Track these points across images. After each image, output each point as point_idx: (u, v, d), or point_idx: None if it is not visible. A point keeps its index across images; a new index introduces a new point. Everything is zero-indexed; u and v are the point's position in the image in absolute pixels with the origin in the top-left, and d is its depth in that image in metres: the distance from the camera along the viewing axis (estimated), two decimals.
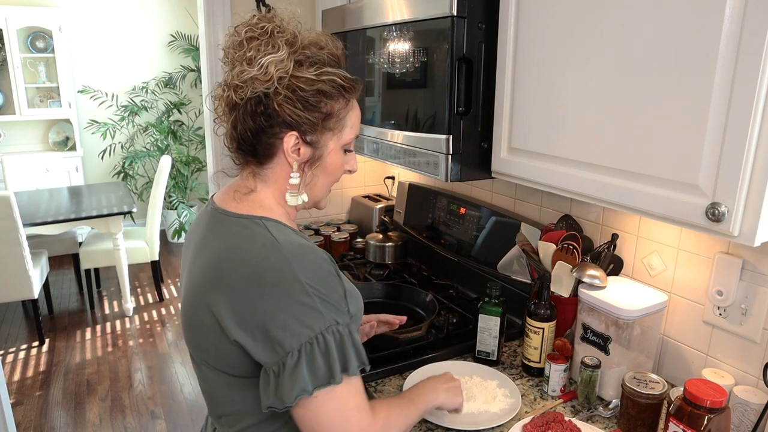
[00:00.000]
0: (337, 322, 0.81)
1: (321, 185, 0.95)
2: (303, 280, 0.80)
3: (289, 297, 0.79)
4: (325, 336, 0.79)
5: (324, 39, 0.90)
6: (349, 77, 0.91)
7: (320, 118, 0.87)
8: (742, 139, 0.80)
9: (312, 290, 0.80)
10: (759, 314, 1.11)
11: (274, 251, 0.82)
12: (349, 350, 0.81)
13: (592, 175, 1.05)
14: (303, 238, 0.89)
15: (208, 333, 0.85)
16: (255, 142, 0.88)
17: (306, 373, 0.78)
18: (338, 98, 0.89)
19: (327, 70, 0.87)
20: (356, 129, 0.95)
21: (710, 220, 0.85)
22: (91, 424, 2.72)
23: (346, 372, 0.80)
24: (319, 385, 0.79)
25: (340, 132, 0.91)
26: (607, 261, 1.33)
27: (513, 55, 1.19)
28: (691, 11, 0.84)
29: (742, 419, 1.08)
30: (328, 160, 0.92)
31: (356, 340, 0.84)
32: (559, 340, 1.33)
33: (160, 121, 5.20)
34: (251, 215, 0.88)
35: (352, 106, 0.93)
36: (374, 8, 1.46)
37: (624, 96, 0.96)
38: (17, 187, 4.30)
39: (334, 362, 0.79)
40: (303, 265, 0.81)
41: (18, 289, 3.28)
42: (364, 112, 1.62)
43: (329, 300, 0.81)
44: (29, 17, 4.60)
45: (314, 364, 0.79)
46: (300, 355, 0.78)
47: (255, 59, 0.84)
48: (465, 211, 1.82)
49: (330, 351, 0.79)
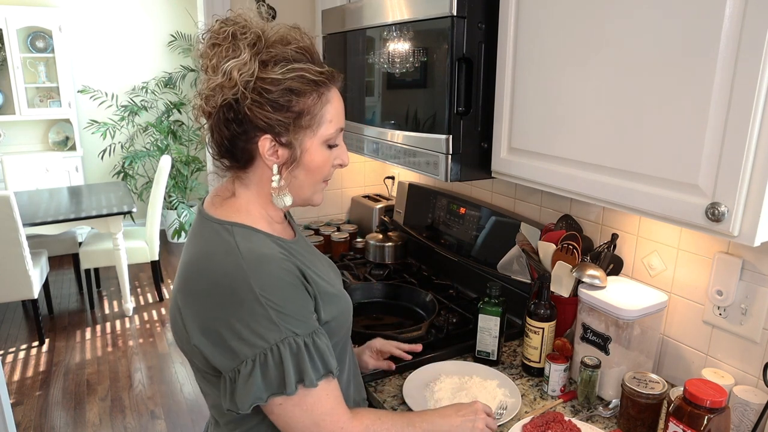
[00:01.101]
0: (295, 333, 0.82)
1: (306, 184, 0.92)
2: (258, 291, 0.80)
3: (243, 307, 0.79)
4: (280, 348, 0.80)
5: (291, 33, 0.86)
6: (320, 69, 0.86)
7: (292, 117, 0.85)
8: (742, 139, 0.80)
9: (266, 301, 0.80)
10: (759, 314, 1.11)
11: (234, 260, 0.82)
12: (306, 361, 0.82)
13: (592, 175, 1.05)
14: (278, 244, 0.89)
15: (182, 334, 0.88)
16: (232, 148, 0.88)
17: (260, 382, 0.80)
18: (310, 94, 0.85)
19: (294, 67, 0.84)
20: (337, 122, 0.90)
21: (710, 220, 0.85)
22: (91, 424, 2.72)
23: (302, 383, 0.81)
24: (272, 394, 0.80)
25: (317, 128, 0.87)
26: (607, 261, 1.33)
27: (513, 55, 1.19)
28: (691, 11, 0.84)
29: (742, 419, 1.08)
30: (308, 158, 0.88)
31: (320, 348, 0.84)
32: (559, 340, 1.33)
33: (160, 121, 5.20)
34: (224, 221, 0.88)
35: (328, 100, 0.88)
36: (374, 8, 1.46)
37: (624, 96, 0.96)
38: (17, 187, 4.30)
39: (288, 374, 0.80)
40: (259, 276, 0.81)
41: (18, 289, 3.28)
42: (348, 105, 1.62)
43: (285, 311, 0.81)
44: (29, 17, 4.60)
45: (268, 374, 0.80)
46: (254, 365, 0.79)
47: (219, 66, 0.83)
48: (465, 211, 1.82)
49: (284, 362, 0.80)
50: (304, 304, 0.85)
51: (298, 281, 0.85)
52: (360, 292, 1.67)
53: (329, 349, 0.86)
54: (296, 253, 0.93)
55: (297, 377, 0.81)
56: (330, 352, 0.87)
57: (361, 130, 1.63)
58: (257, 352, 0.80)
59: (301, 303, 0.84)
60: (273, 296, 0.81)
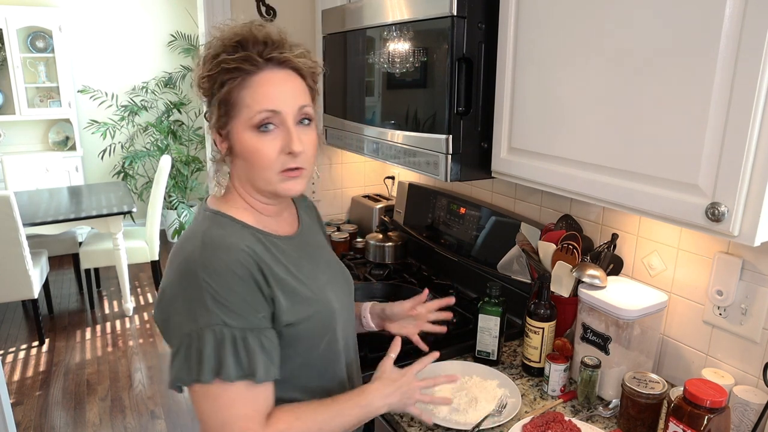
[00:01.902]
0: (225, 323, 0.82)
1: (251, 174, 0.91)
2: (201, 275, 0.82)
3: (187, 290, 0.83)
4: (205, 333, 0.81)
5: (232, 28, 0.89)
6: (234, 57, 0.86)
7: (223, 108, 0.88)
8: (742, 139, 0.80)
9: (206, 286, 0.82)
10: (759, 314, 1.11)
11: (194, 245, 0.86)
12: (228, 355, 0.81)
13: (592, 175, 1.05)
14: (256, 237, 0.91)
15: None
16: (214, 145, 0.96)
17: (182, 362, 0.82)
18: (227, 82, 0.87)
19: (217, 60, 0.87)
20: (257, 105, 0.87)
21: (710, 220, 0.85)
22: (91, 424, 2.72)
23: (218, 375, 0.81)
24: (192, 380, 0.82)
25: (239, 114, 0.88)
26: (607, 261, 1.33)
27: (513, 55, 1.19)
28: (691, 11, 0.84)
29: (742, 419, 1.08)
30: (239, 146, 0.89)
31: (250, 348, 0.83)
32: (559, 340, 1.33)
33: (160, 121, 5.20)
34: (210, 208, 0.94)
35: (246, 85, 0.87)
36: (374, 8, 1.46)
37: (624, 96, 0.96)
38: (17, 187, 4.30)
39: (206, 361, 0.81)
40: (209, 261, 0.84)
41: (18, 289, 3.28)
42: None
43: (222, 300, 0.82)
44: (29, 17, 4.60)
45: (189, 357, 0.82)
46: (180, 345, 0.83)
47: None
48: (465, 211, 1.82)
49: (204, 349, 0.81)
50: (247, 299, 0.85)
51: (248, 276, 0.86)
52: (360, 292, 1.67)
53: (267, 355, 0.85)
54: (277, 250, 0.93)
55: (215, 368, 0.81)
56: (269, 358, 0.85)
57: (361, 130, 1.63)
58: (185, 332, 0.82)
59: (243, 297, 0.85)
60: (214, 282, 0.82)
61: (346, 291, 1.08)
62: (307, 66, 0.93)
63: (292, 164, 0.90)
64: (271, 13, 2.10)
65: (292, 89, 0.90)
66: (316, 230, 1.12)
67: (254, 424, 0.84)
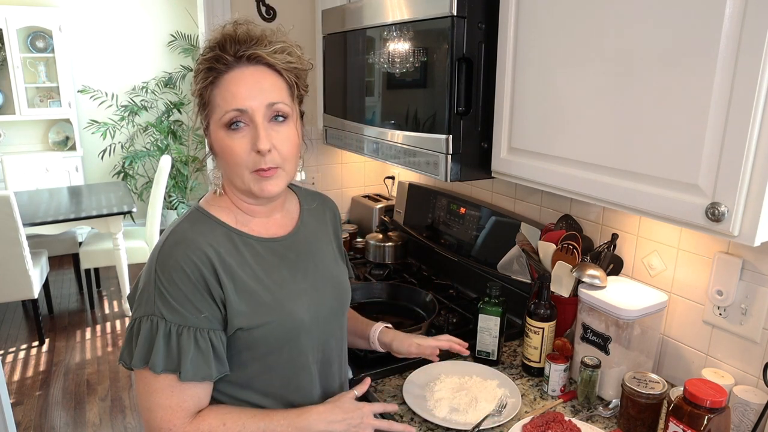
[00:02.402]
0: (162, 315, 0.86)
1: (228, 171, 0.93)
2: (156, 266, 0.88)
3: (144, 275, 0.90)
4: (142, 321, 0.87)
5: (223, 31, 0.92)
6: (207, 56, 0.89)
7: (201, 106, 0.93)
8: (742, 139, 0.80)
9: (156, 278, 0.87)
10: (759, 314, 1.11)
11: (164, 237, 0.92)
12: (159, 346, 0.85)
13: (592, 175, 1.05)
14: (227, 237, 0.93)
15: None
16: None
17: (125, 344, 0.89)
18: (202, 80, 0.90)
19: (200, 60, 0.91)
20: (225, 104, 0.87)
21: (710, 220, 0.85)
22: (91, 424, 2.72)
23: (146, 364, 0.86)
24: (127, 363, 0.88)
25: (212, 112, 0.90)
26: (607, 261, 1.33)
27: (513, 55, 1.19)
28: (691, 11, 0.84)
29: (742, 419, 1.08)
30: (215, 144, 0.93)
31: (182, 345, 0.85)
32: (559, 340, 1.33)
33: (160, 120, 5.20)
34: (196, 205, 0.98)
35: (220, 83, 0.88)
36: (374, 8, 1.46)
37: (624, 95, 0.96)
38: (17, 187, 4.30)
39: (138, 348, 0.86)
40: (165, 255, 0.88)
41: (18, 289, 3.28)
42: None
43: (166, 294, 0.86)
44: (29, 17, 4.60)
45: (130, 340, 0.88)
46: (128, 327, 0.89)
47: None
48: (465, 211, 1.82)
49: (138, 336, 0.86)
50: (191, 297, 0.87)
51: (198, 275, 0.87)
52: (360, 292, 1.67)
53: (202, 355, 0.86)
54: (249, 251, 0.93)
55: (144, 356, 0.86)
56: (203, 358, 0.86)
57: (361, 130, 1.63)
58: (133, 317, 0.89)
59: (186, 294, 0.87)
60: (164, 276, 0.87)
61: (331, 303, 1.03)
62: (285, 61, 0.90)
63: (263, 164, 0.88)
64: (271, 13, 2.10)
65: (260, 87, 0.88)
66: (321, 235, 1.07)
67: (176, 418, 0.86)
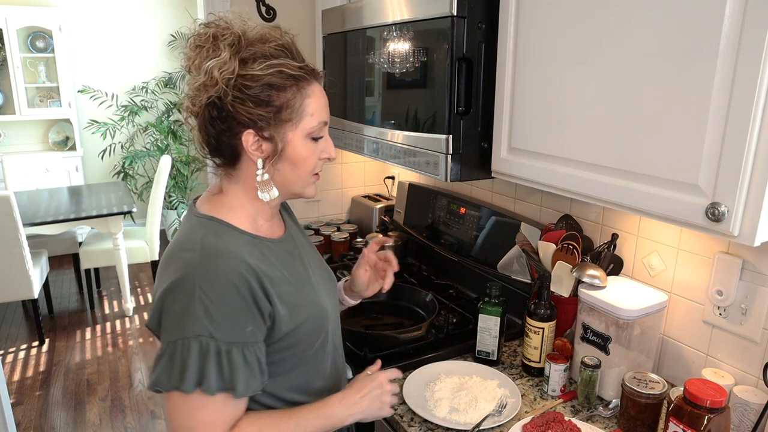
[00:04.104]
0: (212, 335, 0.82)
1: (293, 178, 0.93)
2: (198, 283, 0.82)
3: (179, 294, 0.82)
4: (191, 343, 0.81)
5: (270, 32, 0.89)
6: (298, 64, 0.89)
7: (273, 111, 0.87)
8: (742, 139, 0.80)
9: (200, 295, 0.81)
10: (759, 314, 1.11)
11: (192, 250, 0.85)
12: (211, 367, 0.81)
13: (592, 175, 1.05)
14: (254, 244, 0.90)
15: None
16: (219, 145, 0.91)
17: (164, 368, 0.82)
18: (289, 88, 0.88)
19: (273, 63, 0.86)
20: (319, 115, 0.91)
21: (710, 220, 0.85)
22: (91, 424, 2.72)
23: (201, 386, 0.81)
24: (172, 387, 0.82)
25: (299, 121, 0.89)
26: (607, 261, 1.33)
27: (513, 54, 1.19)
28: (691, 11, 0.84)
29: (742, 419, 1.08)
30: (291, 151, 0.90)
31: (233, 362, 0.83)
32: (559, 340, 1.33)
33: (160, 121, 5.20)
34: (204, 215, 0.92)
35: (309, 93, 0.90)
36: (374, 8, 1.46)
37: (624, 96, 0.96)
38: (17, 187, 4.30)
39: (189, 371, 0.81)
40: (206, 269, 0.83)
41: (18, 289, 3.28)
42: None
43: (212, 311, 0.81)
44: (29, 17, 4.60)
45: (172, 364, 0.82)
46: (165, 350, 0.82)
47: (201, 66, 0.87)
48: (465, 211, 1.82)
49: (189, 359, 0.81)
50: (239, 313, 0.84)
51: (247, 289, 0.85)
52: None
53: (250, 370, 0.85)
54: (272, 255, 0.93)
55: (197, 379, 0.81)
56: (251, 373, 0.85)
57: (361, 130, 1.63)
58: (171, 339, 0.82)
59: (235, 310, 0.84)
60: (209, 292, 0.82)
61: (333, 288, 1.10)
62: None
63: (319, 169, 0.96)
64: (271, 13, 2.10)
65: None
66: (297, 230, 1.12)
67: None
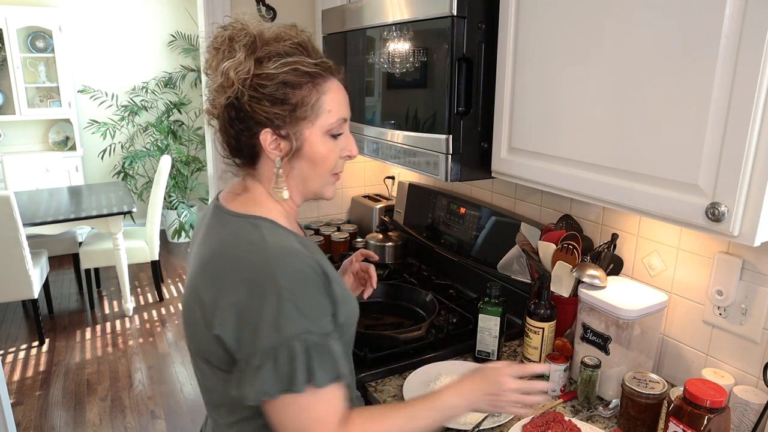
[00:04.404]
0: (309, 331, 0.81)
1: (311, 176, 0.93)
2: (281, 282, 0.80)
3: (266, 299, 0.80)
4: (293, 343, 0.79)
5: (285, 31, 0.89)
6: (313, 61, 0.88)
7: (289, 109, 0.87)
8: (742, 139, 0.80)
9: (288, 294, 0.80)
10: (759, 314, 1.11)
11: (260, 251, 0.83)
12: (317, 362, 0.80)
13: (592, 175, 1.05)
14: (297, 240, 0.89)
15: (200, 326, 0.87)
16: (239, 145, 0.91)
17: (269, 375, 0.79)
18: (305, 85, 0.87)
19: (287, 60, 0.86)
20: (337, 112, 0.91)
21: (710, 220, 0.85)
22: (91, 424, 2.72)
23: (311, 382, 0.80)
24: (282, 390, 0.79)
25: (316, 118, 0.89)
26: (607, 261, 1.33)
27: (513, 54, 1.19)
28: (691, 11, 0.84)
29: (742, 419, 1.08)
30: (309, 148, 0.90)
31: (333, 351, 0.83)
32: (559, 340, 1.33)
33: (160, 121, 5.20)
34: (249, 214, 0.90)
35: (326, 90, 0.90)
36: (374, 8, 1.46)
37: (624, 96, 0.96)
38: (17, 187, 4.30)
39: (298, 371, 0.79)
40: (284, 268, 0.81)
41: (18, 289, 3.28)
42: (353, 100, 1.63)
43: (304, 308, 0.81)
44: (29, 17, 4.60)
45: (278, 369, 0.79)
46: (264, 358, 0.79)
47: (218, 68, 0.87)
48: (465, 211, 1.82)
49: (295, 359, 0.79)
50: (322, 304, 0.84)
51: (320, 280, 0.85)
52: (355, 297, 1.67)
53: (341, 355, 0.85)
54: (314, 251, 0.93)
55: (306, 376, 0.80)
56: (341, 357, 0.85)
57: (361, 130, 1.63)
58: (268, 345, 0.79)
59: (318, 302, 0.84)
60: (294, 289, 0.80)
61: None
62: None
63: (340, 169, 0.96)
64: (271, 13, 2.10)
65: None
66: None
67: (329, 426, 0.82)
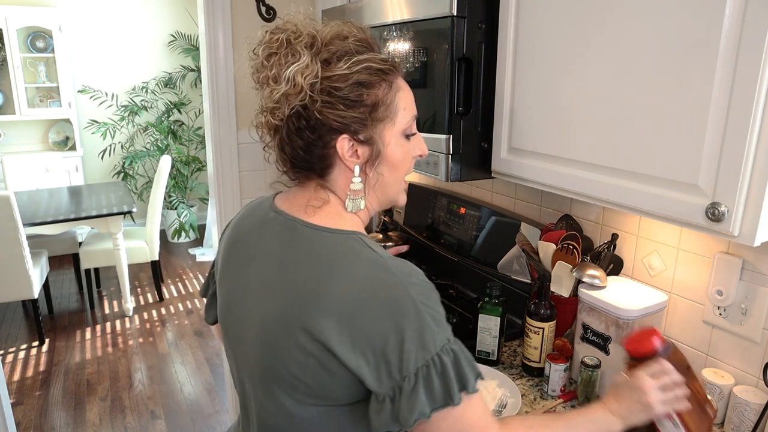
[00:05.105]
0: (449, 339, 0.76)
1: (391, 181, 0.87)
2: (416, 298, 0.74)
3: (404, 318, 0.73)
4: (441, 356, 0.74)
5: (346, 28, 0.82)
6: (384, 58, 0.82)
7: (367, 111, 0.80)
8: (742, 139, 0.80)
9: (425, 309, 0.74)
10: (759, 314, 1.11)
11: (383, 269, 0.76)
12: (465, 367, 0.75)
13: (592, 175, 1.05)
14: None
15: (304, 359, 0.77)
16: (308, 157, 0.82)
17: (424, 396, 0.73)
18: (379, 84, 0.81)
19: (358, 59, 0.79)
20: (411, 109, 0.86)
21: (710, 220, 0.85)
22: (91, 424, 2.72)
23: (465, 390, 0.75)
24: (436, 407, 0.73)
25: (394, 118, 0.82)
26: (607, 261, 1.33)
27: (513, 54, 1.19)
28: (691, 11, 0.84)
29: (742, 419, 1.08)
30: (390, 152, 0.83)
31: (467, 353, 0.78)
32: (559, 340, 1.33)
33: (160, 121, 5.20)
34: (343, 230, 0.81)
35: (399, 87, 0.84)
36: (374, 8, 1.46)
37: (624, 95, 0.96)
38: (17, 187, 4.30)
39: (451, 383, 0.74)
40: (413, 283, 0.76)
41: (18, 289, 3.28)
42: None
43: (438, 318, 0.76)
44: (29, 17, 4.60)
45: (431, 386, 0.73)
46: (417, 379, 0.73)
47: (280, 75, 0.78)
48: (465, 211, 1.82)
49: (446, 371, 0.74)
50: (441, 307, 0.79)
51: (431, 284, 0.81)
52: None
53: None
54: None
55: (459, 385, 0.74)
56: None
57: None
58: (420, 365, 0.73)
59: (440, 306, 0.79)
60: (428, 302, 0.75)
61: None
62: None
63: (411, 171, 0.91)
64: (271, 13, 2.10)
65: None
66: None
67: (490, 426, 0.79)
